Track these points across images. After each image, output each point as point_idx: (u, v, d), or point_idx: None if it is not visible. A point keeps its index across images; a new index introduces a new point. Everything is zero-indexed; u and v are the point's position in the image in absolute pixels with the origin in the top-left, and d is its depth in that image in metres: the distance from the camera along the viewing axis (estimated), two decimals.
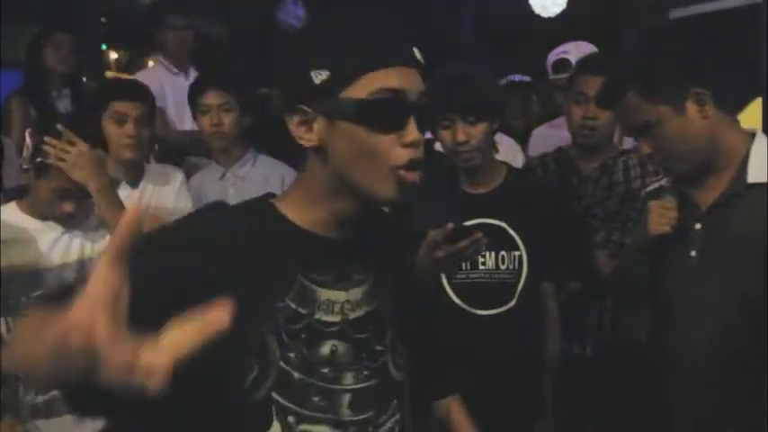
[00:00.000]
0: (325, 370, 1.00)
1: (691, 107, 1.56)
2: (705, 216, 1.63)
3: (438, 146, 2.05)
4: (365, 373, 1.04)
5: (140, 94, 2.39)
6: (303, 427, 0.98)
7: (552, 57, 2.97)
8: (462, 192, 2.04)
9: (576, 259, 2.13)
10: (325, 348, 1.01)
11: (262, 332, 0.97)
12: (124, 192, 2.35)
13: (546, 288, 2.07)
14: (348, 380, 1.02)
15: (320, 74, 0.95)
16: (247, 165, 2.58)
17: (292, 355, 0.98)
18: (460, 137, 1.90)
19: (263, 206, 1.05)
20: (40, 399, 1.90)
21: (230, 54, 5.09)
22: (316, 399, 0.99)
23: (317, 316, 1.01)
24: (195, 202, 2.52)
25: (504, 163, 2.10)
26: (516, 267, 1.98)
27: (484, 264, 1.98)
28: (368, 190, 0.99)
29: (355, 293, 1.05)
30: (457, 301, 1.99)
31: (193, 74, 3.28)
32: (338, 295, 1.03)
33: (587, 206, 2.28)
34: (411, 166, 0.98)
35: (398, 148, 0.97)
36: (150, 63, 3.78)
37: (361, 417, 1.03)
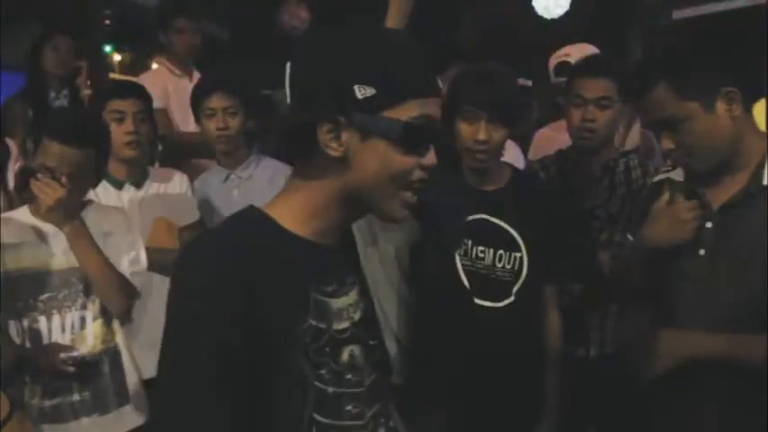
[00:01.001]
0: (349, 376, 1.04)
1: (720, 106, 1.53)
2: (717, 215, 1.62)
3: None
4: (370, 369, 1.09)
5: (136, 91, 2.43)
6: None
7: (554, 60, 2.98)
8: (467, 186, 2.04)
9: (579, 262, 2.13)
10: (345, 355, 1.04)
11: (296, 358, 0.98)
12: (128, 193, 2.38)
13: (548, 291, 2.07)
14: (366, 380, 1.07)
15: (364, 90, 0.96)
16: (251, 166, 2.60)
17: (323, 371, 1.00)
18: (482, 135, 1.90)
19: (260, 221, 1.03)
20: (47, 403, 1.92)
21: (233, 56, 5.10)
22: (349, 407, 1.03)
23: (334, 327, 1.03)
24: (200, 204, 2.55)
25: (508, 164, 2.11)
26: (516, 268, 1.99)
27: (483, 259, 2.00)
28: (379, 206, 1.03)
29: (353, 296, 1.09)
30: (466, 284, 2.01)
31: (197, 76, 3.29)
32: (344, 301, 1.06)
33: (589, 208, 2.28)
34: (417, 187, 1.04)
35: (415, 169, 1.02)
36: (154, 65, 3.80)
37: (374, 411, 1.08)
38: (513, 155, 2.81)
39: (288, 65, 1.02)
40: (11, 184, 2.87)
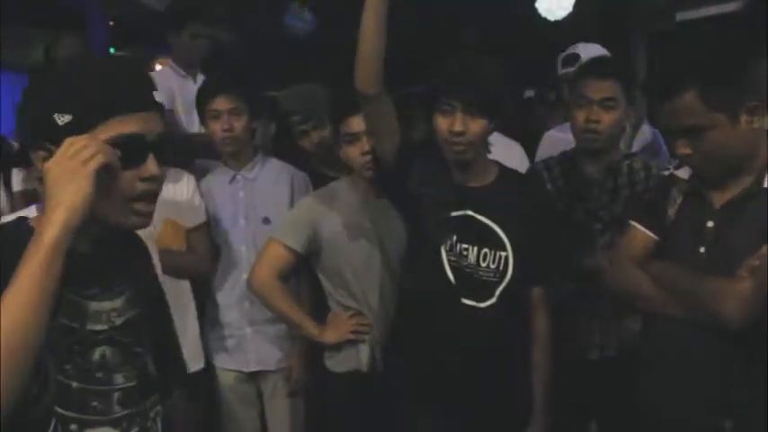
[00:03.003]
0: (99, 374, 1.16)
1: (744, 118, 1.55)
2: (718, 214, 1.64)
3: None
4: (132, 372, 1.21)
5: None
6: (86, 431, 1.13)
7: (564, 54, 2.99)
8: (453, 183, 1.99)
9: (564, 263, 2.11)
10: (96, 355, 1.16)
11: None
12: None
13: (536, 293, 2.04)
14: (119, 380, 1.19)
15: (63, 117, 1.08)
16: (257, 167, 2.61)
17: (69, 366, 1.12)
18: (458, 126, 1.85)
19: (19, 227, 1.14)
20: None
21: (238, 58, 5.11)
22: (94, 403, 1.15)
23: (88, 327, 1.15)
24: (206, 205, 2.56)
25: (496, 162, 2.07)
26: (502, 268, 1.94)
27: (466, 257, 1.95)
28: (110, 221, 1.13)
29: (118, 302, 1.20)
30: (452, 279, 1.95)
31: (200, 78, 3.28)
32: (104, 305, 1.18)
33: (592, 209, 2.27)
34: (144, 197, 1.13)
35: (135, 182, 1.12)
36: (158, 66, 3.79)
37: (129, 411, 1.19)
38: (516, 155, 2.81)
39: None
40: (15, 185, 2.89)
